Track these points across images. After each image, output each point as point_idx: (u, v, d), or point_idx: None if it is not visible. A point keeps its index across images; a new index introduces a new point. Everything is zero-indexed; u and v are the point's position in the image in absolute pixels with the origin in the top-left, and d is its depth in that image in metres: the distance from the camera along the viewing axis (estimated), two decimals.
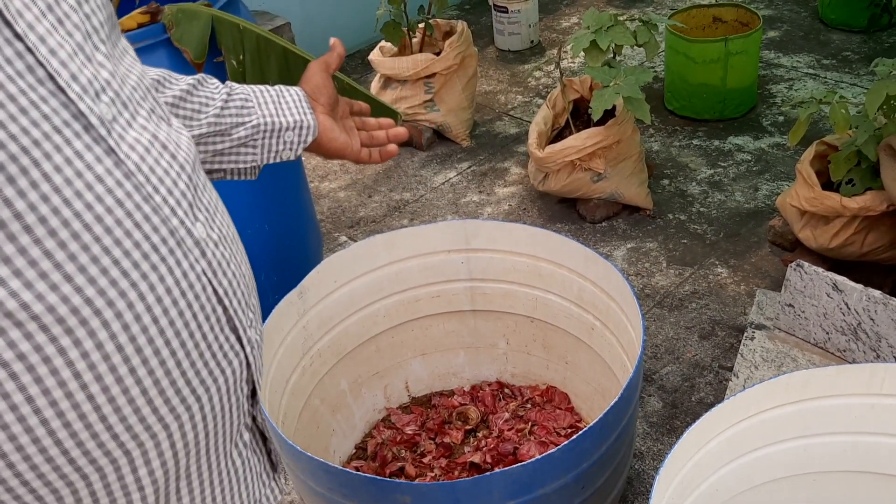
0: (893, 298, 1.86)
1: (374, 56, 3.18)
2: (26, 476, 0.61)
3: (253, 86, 1.06)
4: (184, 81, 0.97)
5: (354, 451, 2.03)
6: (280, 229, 2.10)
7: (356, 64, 3.93)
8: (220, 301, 0.70)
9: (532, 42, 3.90)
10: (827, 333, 2.00)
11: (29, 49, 0.59)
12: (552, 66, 3.69)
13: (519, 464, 1.33)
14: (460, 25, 3.15)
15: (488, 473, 1.32)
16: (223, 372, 0.71)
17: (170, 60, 1.72)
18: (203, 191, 0.74)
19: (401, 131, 1.16)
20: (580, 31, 2.41)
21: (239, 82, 1.76)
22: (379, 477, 1.41)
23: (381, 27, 3.05)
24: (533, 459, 1.33)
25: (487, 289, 1.99)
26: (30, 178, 0.58)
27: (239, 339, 0.73)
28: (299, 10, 3.80)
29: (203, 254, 0.69)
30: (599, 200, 2.73)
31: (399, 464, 1.93)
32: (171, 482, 0.69)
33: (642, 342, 1.52)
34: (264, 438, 0.86)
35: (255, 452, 0.83)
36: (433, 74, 3.08)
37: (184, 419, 0.68)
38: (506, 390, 2.10)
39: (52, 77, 0.60)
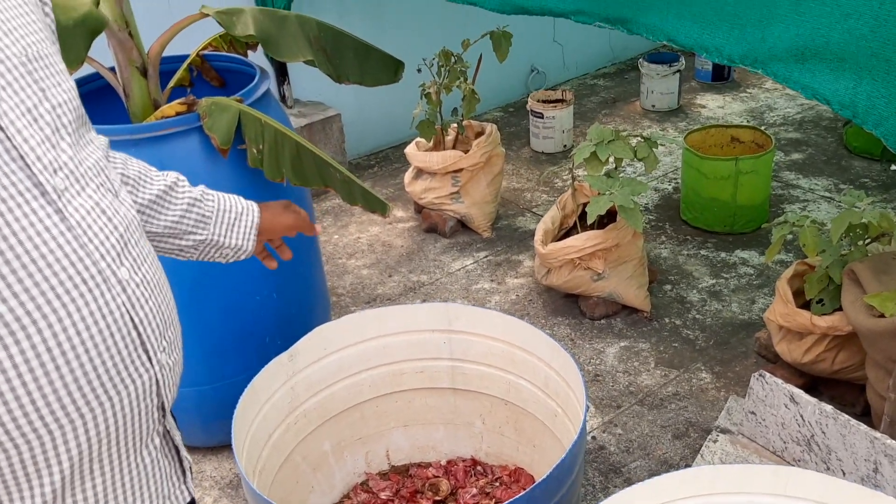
0: (843, 414, 1.96)
1: (410, 149, 3.46)
2: None
3: (224, 201, 1.35)
4: (157, 186, 1.25)
5: None
6: (288, 298, 2.33)
7: (399, 154, 4.23)
8: (135, 327, 0.93)
9: (565, 146, 4.14)
10: (784, 443, 2.10)
11: (8, 137, 0.85)
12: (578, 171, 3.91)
13: None
14: (489, 128, 3.41)
15: None
16: (133, 382, 0.93)
17: (200, 144, 2.00)
18: (134, 246, 0.98)
19: (287, 255, 1.57)
20: (583, 143, 2.63)
21: (257, 168, 2.02)
22: None
23: (417, 125, 3.34)
24: None
25: (467, 369, 2.17)
26: None
27: (150, 359, 0.95)
28: (353, 101, 4.13)
29: (124, 290, 0.92)
30: (599, 299, 2.89)
31: None
32: (84, 462, 0.91)
33: (580, 431, 1.67)
34: (177, 449, 1.06)
35: (166, 457, 1.04)
36: (460, 170, 3.33)
37: (97, 412, 0.89)
38: (478, 468, 2.24)
39: (21, 157, 0.85)
